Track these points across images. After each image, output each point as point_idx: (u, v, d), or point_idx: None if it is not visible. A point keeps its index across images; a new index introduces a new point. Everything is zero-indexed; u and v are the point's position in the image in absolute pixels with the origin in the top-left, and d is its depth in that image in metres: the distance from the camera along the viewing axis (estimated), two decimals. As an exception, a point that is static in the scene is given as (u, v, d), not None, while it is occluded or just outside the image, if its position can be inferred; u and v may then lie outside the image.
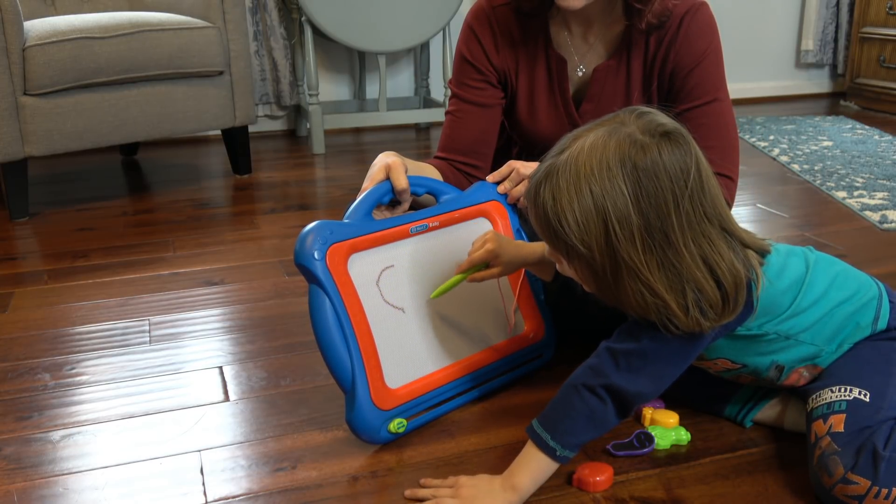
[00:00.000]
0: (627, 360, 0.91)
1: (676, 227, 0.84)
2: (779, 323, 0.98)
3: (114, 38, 2.14)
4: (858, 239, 1.90)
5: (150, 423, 1.16)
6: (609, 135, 0.86)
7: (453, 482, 0.96)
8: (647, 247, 0.84)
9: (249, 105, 2.51)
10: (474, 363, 1.16)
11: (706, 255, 0.86)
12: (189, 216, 2.17)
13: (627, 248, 0.84)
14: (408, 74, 3.40)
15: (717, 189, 0.88)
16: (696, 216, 0.85)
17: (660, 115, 0.89)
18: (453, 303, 1.17)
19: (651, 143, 0.85)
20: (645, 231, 0.84)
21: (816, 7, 3.80)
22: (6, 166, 2.09)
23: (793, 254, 1.01)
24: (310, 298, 1.02)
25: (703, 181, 0.86)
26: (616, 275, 0.87)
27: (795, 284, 0.98)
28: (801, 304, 0.98)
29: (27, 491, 1.00)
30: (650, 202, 0.84)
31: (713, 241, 0.87)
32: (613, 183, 0.84)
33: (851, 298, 1.01)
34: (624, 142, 0.85)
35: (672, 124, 0.88)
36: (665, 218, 0.84)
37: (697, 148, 0.88)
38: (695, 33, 1.25)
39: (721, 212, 0.88)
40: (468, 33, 1.34)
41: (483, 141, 1.36)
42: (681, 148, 0.86)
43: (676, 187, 0.84)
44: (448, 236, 1.19)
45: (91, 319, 1.51)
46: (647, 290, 0.86)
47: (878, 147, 2.85)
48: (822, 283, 1.00)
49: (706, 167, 0.88)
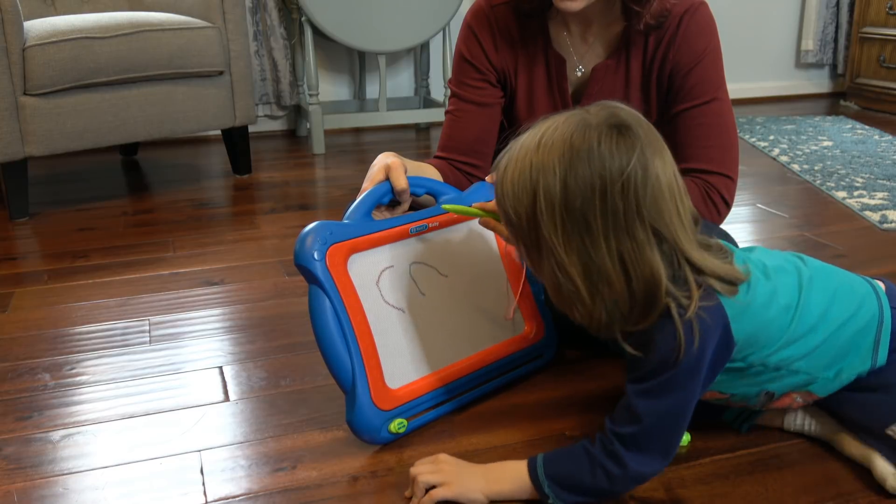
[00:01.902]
0: (636, 443, 0.89)
1: (599, 216, 0.83)
2: (768, 355, 0.93)
3: (114, 38, 2.14)
4: (858, 239, 1.90)
5: (150, 423, 1.16)
6: (569, 117, 0.87)
7: (433, 459, 0.98)
8: (566, 228, 0.84)
9: (249, 105, 2.51)
10: (474, 363, 1.16)
11: (624, 253, 0.83)
12: (189, 216, 2.17)
13: (549, 224, 0.84)
14: (408, 74, 3.41)
15: (667, 198, 0.84)
16: (626, 213, 0.83)
17: (630, 113, 0.87)
18: (453, 303, 1.17)
19: (596, 130, 0.84)
20: (566, 211, 0.83)
21: (816, 7, 3.80)
22: (6, 166, 2.09)
23: (782, 272, 0.95)
24: (310, 299, 1.02)
25: (645, 183, 0.82)
26: (538, 250, 0.87)
27: (787, 310, 0.93)
28: (796, 332, 0.93)
29: (27, 491, 1.00)
30: (577, 184, 0.83)
31: (638, 242, 0.83)
32: (550, 158, 0.84)
33: (852, 318, 0.95)
34: (575, 125, 0.85)
35: (632, 121, 0.85)
36: (588, 203, 0.83)
37: (655, 153, 0.84)
38: (694, 33, 1.25)
39: (666, 221, 0.84)
40: (467, 33, 1.34)
41: (483, 140, 1.36)
42: (626, 143, 0.83)
43: (608, 177, 0.82)
44: (448, 237, 1.19)
45: (91, 319, 1.51)
46: (560, 272, 0.85)
47: (878, 147, 2.85)
48: (819, 304, 0.95)
49: (659, 173, 0.83)
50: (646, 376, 0.88)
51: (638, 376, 0.89)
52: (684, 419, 0.89)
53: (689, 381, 0.87)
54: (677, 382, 0.87)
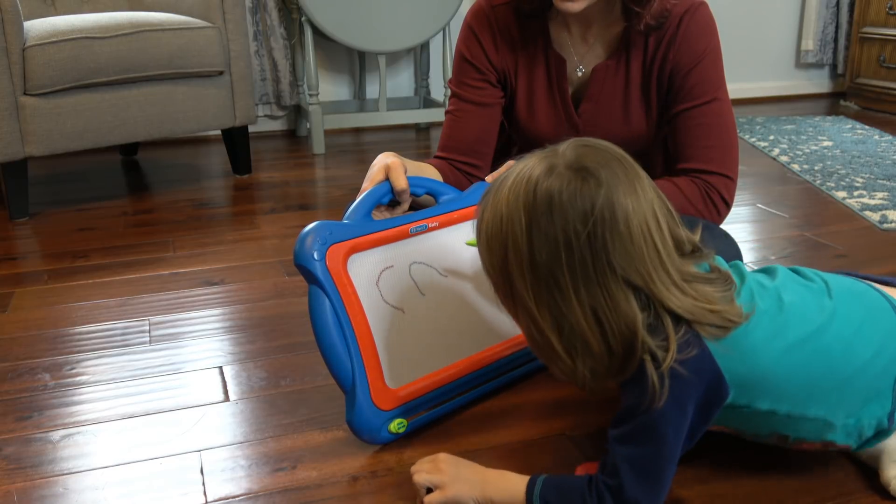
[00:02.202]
0: (621, 493, 0.84)
1: (566, 271, 0.78)
2: (775, 401, 0.87)
3: (114, 38, 2.15)
4: (858, 239, 1.90)
5: (150, 423, 1.16)
6: (540, 160, 0.83)
7: (433, 458, 0.97)
8: (534, 283, 0.80)
9: (249, 105, 2.51)
10: (474, 363, 1.16)
11: (597, 307, 0.79)
12: (189, 216, 2.17)
13: (518, 279, 0.81)
14: (408, 74, 3.41)
15: (639, 242, 0.79)
16: (594, 265, 0.78)
17: (599, 151, 0.82)
18: (453, 303, 1.17)
19: (558, 178, 0.79)
20: (532, 266, 0.80)
21: (816, 7, 3.80)
22: (6, 166, 2.09)
23: (800, 303, 0.87)
24: (309, 299, 1.02)
25: (612, 229, 0.78)
26: (512, 302, 0.85)
27: (798, 348, 0.85)
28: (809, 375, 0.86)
29: (27, 491, 1.00)
30: (541, 238, 0.79)
31: (611, 294, 0.79)
32: (516, 209, 0.80)
33: (875, 358, 0.87)
34: (541, 171, 0.81)
35: (598, 159, 0.80)
36: (554, 258, 0.78)
37: (626, 193, 0.79)
38: (694, 33, 1.25)
39: (638, 268, 0.79)
40: (468, 33, 1.34)
41: (483, 140, 1.36)
42: (588, 189, 0.78)
43: (572, 229, 0.78)
44: (448, 237, 1.19)
45: (91, 319, 1.51)
46: (534, 327, 0.82)
47: (878, 147, 2.85)
48: (838, 342, 0.86)
49: (630, 215, 0.78)
50: (622, 420, 0.85)
51: (616, 419, 0.86)
52: (667, 468, 0.84)
53: (667, 431, 0.82)
54: (654, 430, 0.82)
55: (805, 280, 0.93)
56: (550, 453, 1.06)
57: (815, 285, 0.92)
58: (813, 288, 0.91)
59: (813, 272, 0.95)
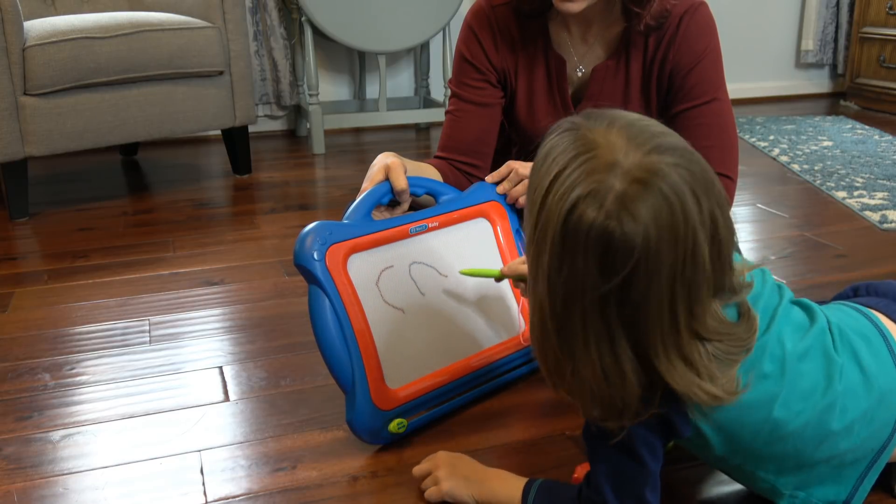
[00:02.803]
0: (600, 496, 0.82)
1: (579, 319, 0.71)
2: (731, 452, 0.83)
3: (114, 38, 2.15)
4: (858, 239, 1.90)
5: (150, 423, 1.16)
6: (601, 168, 0.69)
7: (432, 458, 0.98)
8: (555, 303, 0.72)
9: (249, 105, 2.51)
10: (474, 363, 1.16)
11: (605, 367, 0.72)
12: (189, 216, 2.17)
13: (543, 281, 0.73)
14: (408, 74, 3.41)
15: (656, 307, 0.70)
16: (609, 315, 0.70)
17: (675, 152, 0.70)
18: (453, 303, 1.17)
19: (600, 208, 0.68)
20: (554, 289, 0.72)
21: (816, 7, 3.80)
22: (6, 166, 2.09)
23: (806, 373, 0.80)
24: (309, 299, 1.02)
25: (630, 292, 0.69)
26: (534, 280, 0.75)
27: (778, 427, 0.80)
28: (780, 449, 0.81)
29: (27, 491, 1.00)
30: (565, 271, 0.70)
31: (618, 357, 0.71)
32: (560, 211, 0.70)
33: (857, 448, 0.83)
34: (591, 186, 0.69)
35: (656, 187, 0.68)
36: (571, 298, 0.71)
37: (666, 242, 0.68)
38: (694, 33, 1.25)
39: (650, 334, 0.70)
40: (468, 33, 1.34)
41: (483, 140, 1.36)
42: (623, 231, 0.67)
43: (587, 277, 0.69)
44: (447, 237, 1.19)
45: (91, 319, 1.51)
46: (539, 313, 0.75)
47: (878, 147, 2.85)
48: (827, 433, 0.81)
49: (666, 273, 0.68)
50: (592, 435, 0.83)
51: (585, 432, 0.84)
52: (647, 482, 0.81)
53: (641, 450, 0.80)
54: (629, 449, 0.80)
55: (832, 349, 0.83)
56: (550, 453, 1.06)
57: (837, 361, 0.82)
58: (833, 364, 0.82)
59: (846, 331, 0.86)
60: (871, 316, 0.89)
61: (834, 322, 0.86)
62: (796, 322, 0.84)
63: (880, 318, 0.90)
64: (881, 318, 0.90)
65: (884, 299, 0.94)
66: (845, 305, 0.92)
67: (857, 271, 1.68)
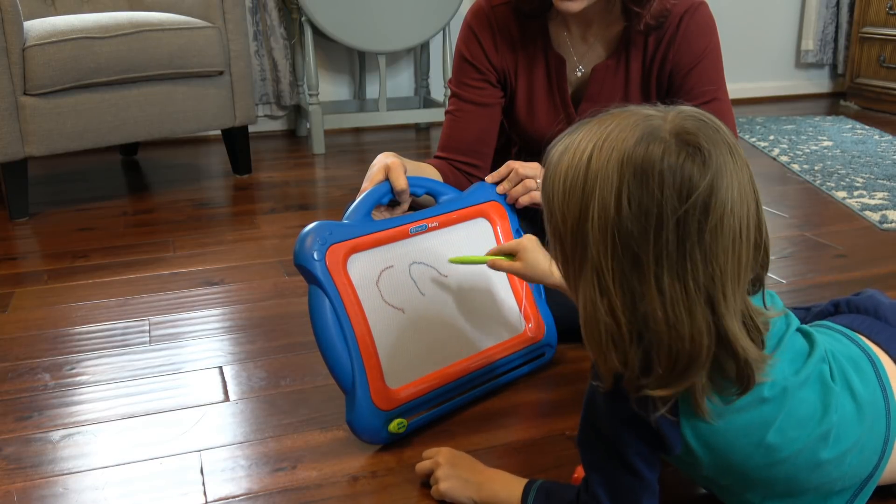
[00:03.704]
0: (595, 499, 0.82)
1: (652, 251, 0.69)
2: (719, 473, 0.82)
3: (114, 38, 2.15)
4: (858, 239, 1.90)
5: (150, 423, 1.16)
6: (639, 119, 0.73)
7: (434, 453, 0.98)
8: (616, 254, 0.71)
9: (249, 105, 2.51)
10: (475, 363, 1.16)
11: (675, 303, 0.70)
12: (189, 216, 2.17)
13: (598, 244, 0.71)
14: (408, 74, 3.41)
15: (726, 248, 0.70)
16: (679, 256, 0.69)
17: (712, 128, 0.72)
18: (453, 303, 1.17)
19: (661, 144, 0.70)
20: (618, 234, 0.70)
21: (816, 7, 3.80)
22: (6, 166, 2.09)
23: (804, 399, 0.80)
24: (309, 299, 1.02)
25: (705, 220, 0.69)
26: (580, 266, 0.74)
27: (769, 453, 0.79)
28: (767, 474, 0.80)
29: (27, 491, 1.00)
30: (634, 205, 0.69)
31: (689, 294, 0.70)
32: (608, 167, 0.70)
33: (843, 478, 0.82)
34: (642, 132, 0.71)
35: (709, 139, 0.71)
36: (642, 232, 0.69)
37: (730, 186, 0.69)
38: (694, 33, 1.25)
39: (715, 276, 0.70)
40: (468, 33, 1.34)
41: (483, 140, 1.36)
42: (696, 165, 0.69)
43: (666, 204, 0.68)
44: (447, 237, 1.19)
45: (91, 319, 1.51)
46: (602, 301, 0.72)
47: (878, 147, 2.85)
48: (816, 462, 0.80)
49: (725, 212, 0.69)
50: (584, 442, 0.84)
51: (578, 439, 0.85)
52: (641, 489, 0.81)
53: (633, 459, 0.79)
54: (620, 458, 0.80)
55: (829, 378, 0.82)
56: (550, 453, 1.06)
57: (834, 389, 0.81)
58: (830, 393, 0.81)
59: (839, 358, 0.85)
60: (858, 340, 0.89)
61: (829, 350, 0.85)
62: (798, 349, 0.83)
63: (865, 341, 0.89)
64: (866, 342, 0.89)
65: (866, 318, 0.92)
66: (832, 331, 0.91)
67: (857, 271, 1.68)
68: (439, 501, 0.96)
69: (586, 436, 0.83)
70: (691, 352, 0.71)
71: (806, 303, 1.07)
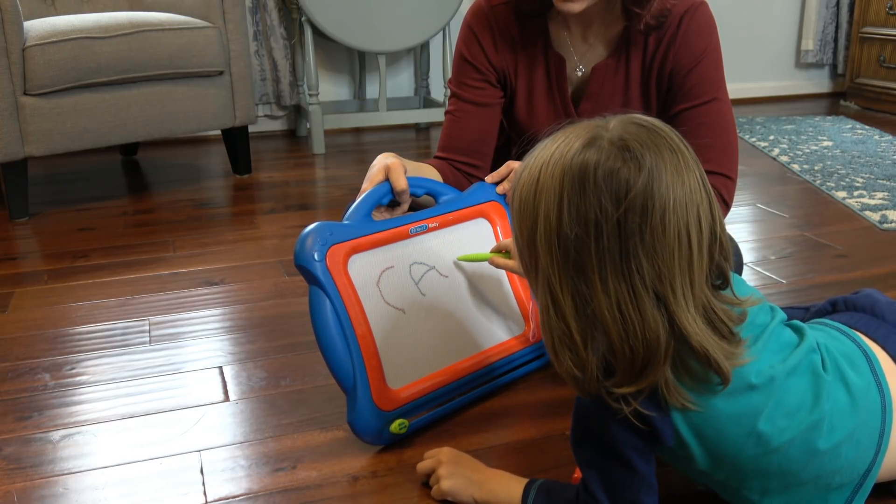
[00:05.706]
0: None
1: (594, 255, 0.72)
2: (715, 467, 0.82)
3: (114, 38, 2.15)
4: (858, 239, 1.90)
5: (150, 423, 1.16)
6: (586, 130, 0.76)
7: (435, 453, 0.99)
8: (561, 261, 0.74)
9: (249, 105, 2.51)
10: (475, 364, 1.16)
11: (622, 303, 0.72)
12: (189, 216, 2.17)
13: (545, 253, 0.74)
14: (408, 74, 3.41)
15: (672, 245, 0.72)
16: (622, 257, 0.71)
17: (651, 130, 0.75)
18: (453, 303, 1.17)
19: (599, 152, 0.73)
20: (560, 242, 0.73)
21: (816, 7, 3.80)
22: (6, 166, 2.09)
23: (796, 401, 0.80)
24: (310, 300, 1.02)
25: (644, 221, 0.71)
26: (535, 276, 0.78)
27: (760, 443, 0.79)
28: (762, 465, 0.80)
29: (27, 491, 1.00)
30: (572, 213, 0.72)
31: (636, 293, 0.72)
32: (553, 179, 0.74)
33: (839, 472, 0.82)
34: (584, 141, 0.74)
35: (646, 141, 0.73)
36: (583, 239, 0.72)
37: (670, 185, 0.72)
38: (694, 33, 1.25)
39: (663, 274, 0.72)
40: (467, 33, 1.34)
41: (483, 140, 1.36)
42: (629, 169, 0.71)
43: (602, 209, 0.71)
44: (448, 237, 1.19)
45: (91, 319, 1.51)
46: (553, 307, 0.75)
47: (878, 147, 2.85)
48: (812, 451, 0.80)
49: (667, 210, 0.71)
50: (578, 442, 0.84)
51: (572, 439, 0.85)
52: (639, 486, 0.81)
53: (631, 455, 0.80)
54: (616, 455, 0.80)
55: (820, 368, 0.83)
56: (550, 453, 1.06)
57: (825, 379, 0.82)
58: (821, 382, 0.82)
59: (833, 352, 0.85)
60: (854, 336, 0.89)
61: (822, 343, 0.86)
62: (785, 340, 0.84)
63: (862, 338, 0.89)
64: (863, 338, 0.89)
65: (863, 315, 0.93)
66: (828, 327, 0.91)
67: (857, 271, 1.68)
68: (440, 501, 0.96)
69: (579, 435, 0.84)
70: (647, 349, 0.73)
71: (805, 303, 1.08)
